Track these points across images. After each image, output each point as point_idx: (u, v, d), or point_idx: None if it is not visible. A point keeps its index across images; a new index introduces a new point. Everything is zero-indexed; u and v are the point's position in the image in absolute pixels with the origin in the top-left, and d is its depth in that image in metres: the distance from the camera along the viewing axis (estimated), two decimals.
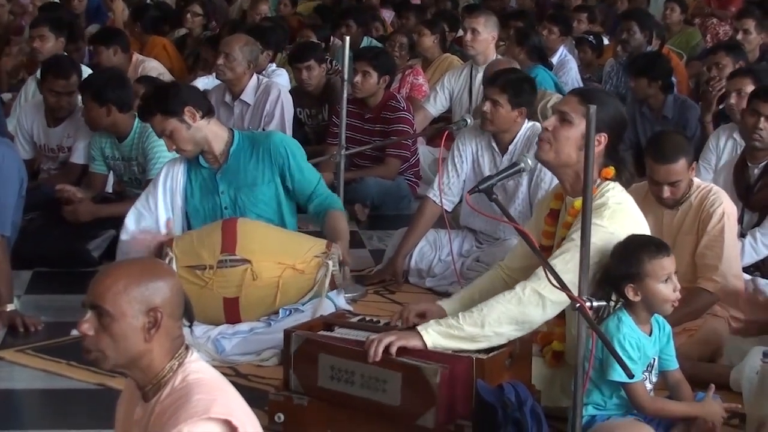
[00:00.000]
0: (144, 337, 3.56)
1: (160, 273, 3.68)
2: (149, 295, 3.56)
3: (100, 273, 3.61)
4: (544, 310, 5.17)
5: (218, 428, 3.48)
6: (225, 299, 6.46)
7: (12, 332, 6.58)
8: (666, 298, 5.03)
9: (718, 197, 6.34)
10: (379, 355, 5.09)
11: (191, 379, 3.61)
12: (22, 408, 5.93)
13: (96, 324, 3.56)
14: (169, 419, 3.51)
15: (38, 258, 7.59)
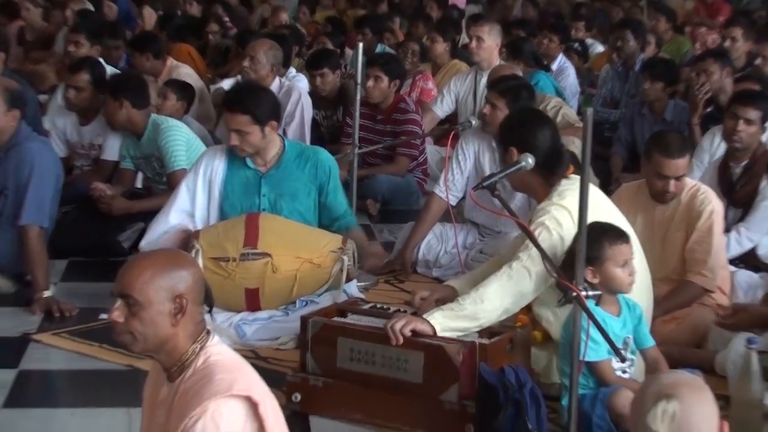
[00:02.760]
0: (171, 322, 3.58)
1: (183, 263, 3.71)
2: (174, 284, 3.59)
3: (127, 264, 3.65)
4: (531, 281, 5.30)
5: (240, 404, 3.50)
6: (246, 290, 6.47)
7: (48, 317, 6.61)
8: (622, 282, 5.16)
9: (707, 196, 6.36)
10: (401, 339, 5.15)
11: (213, 360, 3.63)
12: (57, 387, 5.96)
13: (126, 312, 3.58)
14: (193, 397, 3.52)
15: (73, 248, 7.61)
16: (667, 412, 3.25)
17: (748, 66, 10.08)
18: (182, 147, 7.83)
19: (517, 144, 5.60)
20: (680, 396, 3.28)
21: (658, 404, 3.26)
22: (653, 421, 3.24)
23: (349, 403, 5.34)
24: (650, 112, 9.38)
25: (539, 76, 9.78)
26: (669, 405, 3.25)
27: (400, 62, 9.83)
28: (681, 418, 3.25)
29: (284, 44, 9.83)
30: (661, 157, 6.33)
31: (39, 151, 6.96)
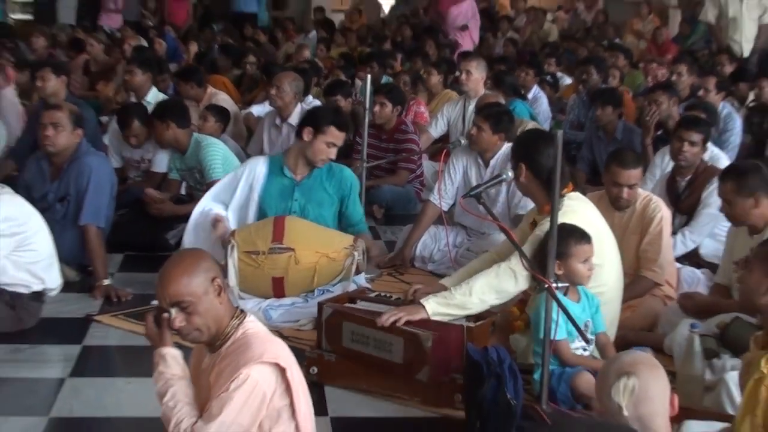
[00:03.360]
0: (219, 301, 3.64)
1: (202, 257, 3.78)
2: (205, 273, 3.66)
3: (163, 278, 3.67)
4: (516, 282, 5.30)
5: (270, 369, 3.56)
6: (273, 278, 6.47)
7: (107, 301, 6.63)
8: (582, 275, 5.22)
9: (657, 205, 6.38)
10: (387, 324, 5.17)
11: (249, 333, 3.67)
12: (114, 360, 5.98)
13: (183, 315, 3.61)
14: (231, 363, 3.59)
15: (127, 244, 7.61)
16: (627, 386, 3.26)
17: (691, 96, 10.08)
18: (219, 161, 7.85)
19: (526, 161, 5.62)
20: (638, 373, 3.29)
21: (620, 380, 3.27)
22: (616, 394, 3.25)
23: (356, 375, 5.36)
24: (604, 133, 9.39)
25: (517, 103, 9.78)
26: (629, 381, 3.26)
27: (401, 91, 9.85)
28: (639, 392, 3.27)
29: (305, 76, 9.83)
30: (617, 167, 6.38)
31: (96, 163, 6.98)
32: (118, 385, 5.47)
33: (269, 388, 3.59)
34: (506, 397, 4.79)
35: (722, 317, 5.37)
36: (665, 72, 11.50)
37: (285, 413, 3.66)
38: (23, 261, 6.07)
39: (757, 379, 3.84)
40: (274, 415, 3.64)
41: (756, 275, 3.93)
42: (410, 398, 5.21)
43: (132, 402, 5.18)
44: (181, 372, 3.73)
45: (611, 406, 3.28)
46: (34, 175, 7.06)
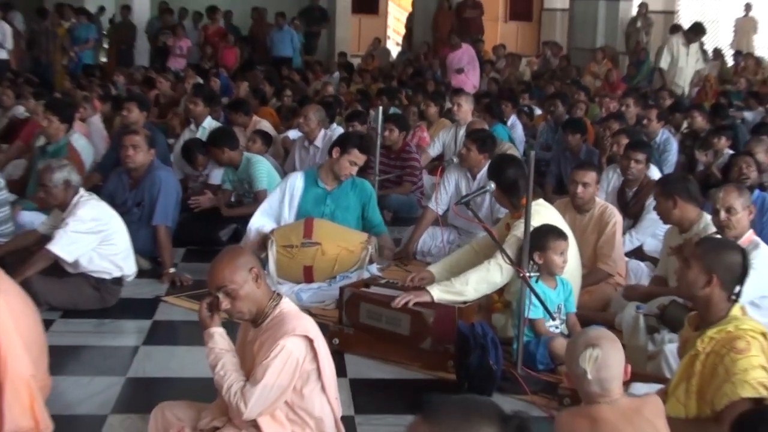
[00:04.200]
0: (256, 286, 3.63)
1: (241, 252, 3.81)
2: (244, 264, 3.67)
3: (211, 269, 3.70)
4: (501, 274, 5.35)
5: (301, 340, 3.59)
6: (304, 267, 6.49)
7: (172, 286, 6.63)
8: (557, 265, 5.26)
9: (612, 212, 6.38)
10: (400, 305, 5.21)
11: (284, 311, 3.69)
12: (178, 332, 5.96)
13: (228, 298, 3.63)
14: (270, 336, 3.61)
15: (189, 240, 7.59)
16: (592, 355, 3.26)
17: (637, 124, 10.04)
18: (264, 174, 7.88)
19: (495, 180, 5.67)
20: (602, 345, 3.30)
21: (587, 350, 3.27)
22: (583, 362, 3.26)
23: (369, 345, 5.37)
24: (571, 153, 9.36)
25: (498, 128, 9.76)
26: (594, 351, 3.27)
27: (406, 119, 9.85)
28: (601, 360, 3.27)
29: (329, 108, 9.84)
30: (575, 170, 6.47)
31: (165, 176, 7.01)
32: (181, 352, 5.49)
33: (301, 356, 3.59)
34: (489, 363, 4.80)
35: (661, 300, 5.34)
36: (616, 105, 11.47)
37: (313, 375, 3.66)
38: (106, 253, 6.08)
39: (692, 355, 3.83)
40: (304, 376, 3.64)
41: (694, 271, 3.89)
42: (413, 363, 5.22)
43: (192, 365, 5.17)
44: (228, 346, 3.73)
45: (578, 371, 3.27)
46: (116, 185, 7.09)
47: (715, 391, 3.70)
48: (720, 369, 3.70)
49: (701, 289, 3.87)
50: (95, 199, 6.15)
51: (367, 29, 22.24)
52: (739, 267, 3.92)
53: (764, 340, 3.76)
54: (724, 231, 5.22)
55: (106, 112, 10.83)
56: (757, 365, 3.66)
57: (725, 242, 4.34)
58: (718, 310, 3.86)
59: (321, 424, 3.70)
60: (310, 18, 19.50)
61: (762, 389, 3.63)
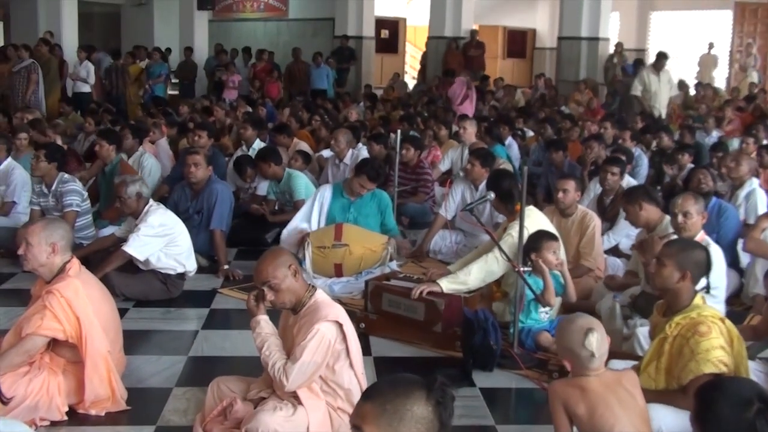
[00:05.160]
0: (295, 279, 3.65)
1: (281, 252, 3.83)
2: (285, 262, 3.69)
3: (257, 266, 3.71)
4: (498, 264, 5.36)
5: (332, 325, 3.59)
6: (335, 264, 6.49)
7: (227, 280, 6.63)
8: (552, 262, 5.17)
9: (592, 216, 6.34)
10: (416, 296, 5.20)
11: (318, 300, 3.69)
12: (231, 318, 5.94)
13: (272, 291, 3.64)
14: (307, 322, 3.61)
15: (240, 242, 7.59)
16: (596, 338, 3.25)
17: (614, 143, 9.99)
18: (303, 187, 7.88)
19: (494, 190, 5.64)
20: (596, 327, 3.29)
21: (589, 335, 3.25)
22: (590, 345, 3.25)
23: (390, 329, 5.35)
24: (555, 168, 9.31)
25: (497, 148, 9.72)
26: (594, 333, 3.25)
27: (421, 140, 9.81)
28: (601, 338, 3.25)
29: (355, 131, 9.82)
30: (557, 179, 6.50)
31: (221, 188, 7.00)
32: (234, 335, 5.48)
33: (332, 338, 3.59)
34: (490, 343, 4.78)
35: (633, 290, 5.34)
36: (596, 127, 11.40)
37: (343, 354, 3.66)
38: (171, 252, 6.09)
39: (662, 338, 3.81)
40: (336, 355, 3.64)
41: (669, 269, 3.87)
42: (426, 344, 5.20)
43: (243, 346, 5.17)
44: (272, 330, 3.74)
45: (584, 354, 3.24)
46: (180, 196, 7.10)
47: (681, 368, 3.69)
48: (686, 350, 3.69)
49: (675, 283, 3.85)
50: (162, 208, 6.17)
51: (388, 65, 22.25)
52: (705, 262, 3.92)
53: (723, 325, 3.75)
54: (680, 232, 5.20)
55: (173, 136, 10.87)
56: (717, 346, 3.65)
57: (691, 242, 4.31)
58: (684, 299, 3.85)
59: (350, 395, 3.71)
60: (341, 57, 19.55)
61: (721, 366, 3.63)
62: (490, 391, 4.63)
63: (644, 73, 13.64)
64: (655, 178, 9.34)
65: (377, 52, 21.31)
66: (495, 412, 4.39)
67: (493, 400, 4.52)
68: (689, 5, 21.95)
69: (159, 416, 4.22)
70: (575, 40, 17.50)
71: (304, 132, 11.90)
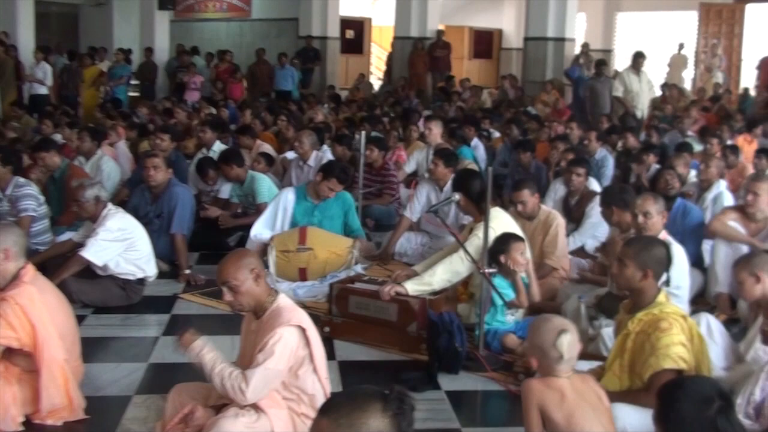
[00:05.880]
0: (256, 284, 3.62)
1: (246, 254, 3.78)
2: (247, 265, 3.66)
3: (219, 266, 3.68)
4: (463, 264, 5.35)
5: (295, 329, 3.58)
6: (299, 268, 6.48)
7: (188, 285, 6.61)
8: (520, 263, 5.20)
9: (556, 216, 6.38)
10: (388, 297, 5.23)
11: (281, 305, 3.67)
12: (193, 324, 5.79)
13: (231, 292, 3.62)
14: (270, 326, 3.59)
15: (201, 245, 7.56)
16: (568, 340, 3.26)
17: (580, 144, 10.07)
18: (266, 190, 7.88)
19: (462, 190, 5.65)
20: (569, 329, 3.31)
21: (561, 336, 3.26)
22: (561, 346, 3.25)
23: (356, 332, 5.35)
24: (522, 169, 9.38)
25: (463, 149, 9.77)
26: (567, 335, 3.27)
27: (384, 141, 9.82)
28: (572, 340, 3.27)
29: (319, 133, 9.81)
30: (512, 191, 6.53)
31: (181, 191, 7.00)
32: None
33: (295, 343, 3.58)
34: (455, 345, 4.80)
35: (598, 291, 5.40)
36: (562, 128, 11.50)
37: (306, 359, 3.65)
38: (131, 258, 6.05)
39: (624, 334, 3.86)
40: (299, 360, 3.63)
41: (630, 269, 3.91)
42: (392, 347, 5.21)
43: None
44: (207, 348, 3.65)
45: (554, 354, 3.25)
46: (139, 200, 7.07)
47: (642, 364, 3.75)
48: (647, 345, 3.75)
49: (638, 282, 3.90)
50: (121, 212, 6.13)
51: (353, 66, 22.26)
52: (666, 258, 3.98)
53: (684, 322, 3.81)
54: (641, 232, 5.27)
55: (133, 139, 10.79)
56: (678, 342, 3.70)
57: (650, 239, 4.37)
58: (648, 296, 3.91)
59: (314, 400, 3.70)
60: (305, 57, 19.53)
61: (681, 362, 3.69)
62: (455, 394, 4.64)
63: (624, 74, 13.60)
64: (621, 178, 9.43)
65: (342, 53, 21.32)
66: (461, 415, 4.40)
67: (458, 403, 4.53)
68: (655, 6, 22.18)
69: (118, 425, 4.19)
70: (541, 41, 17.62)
71: (268, 134, 11.86)
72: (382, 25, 24.40)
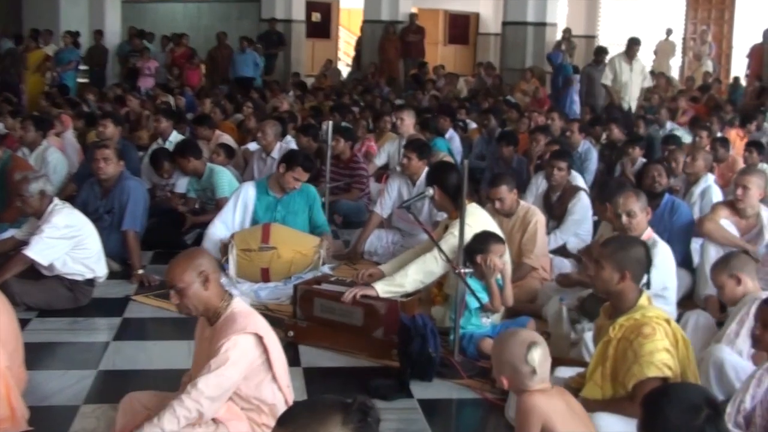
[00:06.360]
0: (204, 288, 3.61)
1: (196, 254, 3.76)
2: (195, 267, 3.63)
3: (168, 267, 3.68)
4: (437, 264, 5.36)
5: (251, 338, 3.56)
6: (262, 269, 6.45)
7: (141, 286, 6.56)
8: (498, 266, 5.20)
9: (535, 212, 6.40)
10: (349, 300, 5.21)
11: (236, 311, 3.65)
12: (146, 328, 5.89)
13: (177, 295, 3.61)
14: (224, 333, 3.58)
15: (156, 244, 7.50)
16: (538, 353, 3.27)
17: (561, 135, 10.12)
18: (226, 184, 7.86)
19: (437, 184, 5.65)
20: (539, 341, 3.32)
21: (531, 350, 3.27)
22: (531, 360, 3.26)
23: (322, 337, 5.33)
24: (503, 162, 9.41)
25: (437, 140, 9.80)
26: (538, 348, 3.27)
27: (352, 131, 9.82)
28: (544, 352, 3.29)
29: (283, 123, 9.80)
30: (489, 188, 6.55)
31: (134, 185, 6.95)
32: (148, 346, 5.43)
33: (251, 351, 3.57)
34: (428, 351, 4.80)
35: (581, 293, 5.42)
36: (543, 119, 11.55)
37: (264, 367, 3.64)
38: (79, 257, 6.00)
39: (606, 341, 3.88)
40: (256, 369, 3.62)
41: (607, 271, 3.94)
42: (361, 353, 5.20)
43: (158, 358, 5.15)
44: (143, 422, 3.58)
45: (526, 369, 3.25)
46: (88, 194, 7.01)
47: (625, 372, 3.77)
48: (629, 352, 3.77)
49: (616, 285, 3.92)
50: (69, 207, 6.07)
51: (320, 52, 22.24)
52: (645, 258, 4.01)
53: (668, 326, 3.83)
54: (625, 233, 5.29)
55: (80, 128, 10.71)
56: (662, 348, 3.73)
57: (627, 239, 4.40)
58: (628, 300, 3.93)
59: (274, 410, 3.70)
60: (268, 42, 19.46)
61: (666, 369, 3.71)
62: (429, 402, 4.64)
63: (616, 61, 13.40)
64: (605, 173, 9.50)
65: (308, 37, 21.28)
66: (434, 425, 4.41)
67: (432, 413, 4.54)
68: None
69: None
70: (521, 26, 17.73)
71: (228, 124, 11.82)
72: (351, 8, 24.39)
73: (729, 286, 4.46)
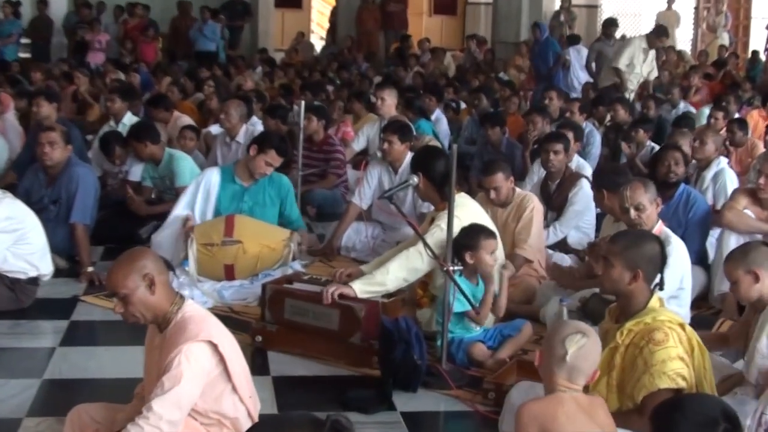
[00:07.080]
0: (150, 292, 3.61)
1: (140, 257, 3.70)
2: (138, 270, 3.60)
3: (108, 272, 3.67)
4: (422, 260, 5.33)
5: (205, 346, 3.56)
6: (225, 265, 6.44)
7: (90, 285, 6.54)
8: (488, 264, 5.22)
9: (531, 199, 6.40)
10: (330, 300, 5.19)
11: (187, 316, 3.65)
12: (96, 332, 5.89)
13: (122, 303, 3.60)
14: (174, 342, 3.57)
15: (107, 238, 7.46)
16: (580, 341, 3.26)
17: (560, 117, 10.14)
18: (188, 171, 7.84)
19: (423, 171, 5.64)
20: (590, 336, 3.32)
21: (576, 334, 3.27)
22: (569, 343, 3.26)
23: (293, 342, 5.32)
24: (492, 147, 9.42)
25: (422, 122, 9.80)
26: (582, 338, 3.26)
27: (325, 109, 9.81)
28: (585, 350, 3.27)
29: (248, 103, 9.77)
30: (482, 176, 6.53)
31: (83, 173, 6.93)
32: (99, 352, 5.42)
33: (206, 361, 3.55)
34: (413, 358, 4.79)
35: (583, 293, 5.42)
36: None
37: (221, 378, 3.62)
38: (21, 252, 5.97)
39: (612, 348, 3.86)
40: (212, 380, 3.60)
41: (618, 270, 3.92)
42: (338, 360, 5.19)
43: (110, 365, 5.12)
44: None
45: (559, 351, 3.27)
46: (32, 182, 6.99)
47: (634, 383, 3.75)
48: (639, 361, 3.74)
49: (627, 285, 3.91)
50: (9, 197, 6.04)
51: (291, 23, 22.19)
52: (659, 256, 3.99)
53: (682, 331, 3.81)
54: (635, 228, 5.27)
55: (22, 109, 10.64)
56: (675, 356, 3.71)
57: (640, 234, 4.38)
58: (639, 302, 3.91)
59: (237, 423, 3.68)
60: (232, 12, 19.38)
61: (680, 380, 3.69)
62: (413, 415, 4.64)
63: (637, 45, 13.15)
64: (610, 158, 9.51)
65: (277, 7, 21.24)
66: None
67: (417, 427, 4.53)
68: None
69: None
70: None
71: (188, 104, 11.78)
72: None
73: (745, 282, 4.24)
